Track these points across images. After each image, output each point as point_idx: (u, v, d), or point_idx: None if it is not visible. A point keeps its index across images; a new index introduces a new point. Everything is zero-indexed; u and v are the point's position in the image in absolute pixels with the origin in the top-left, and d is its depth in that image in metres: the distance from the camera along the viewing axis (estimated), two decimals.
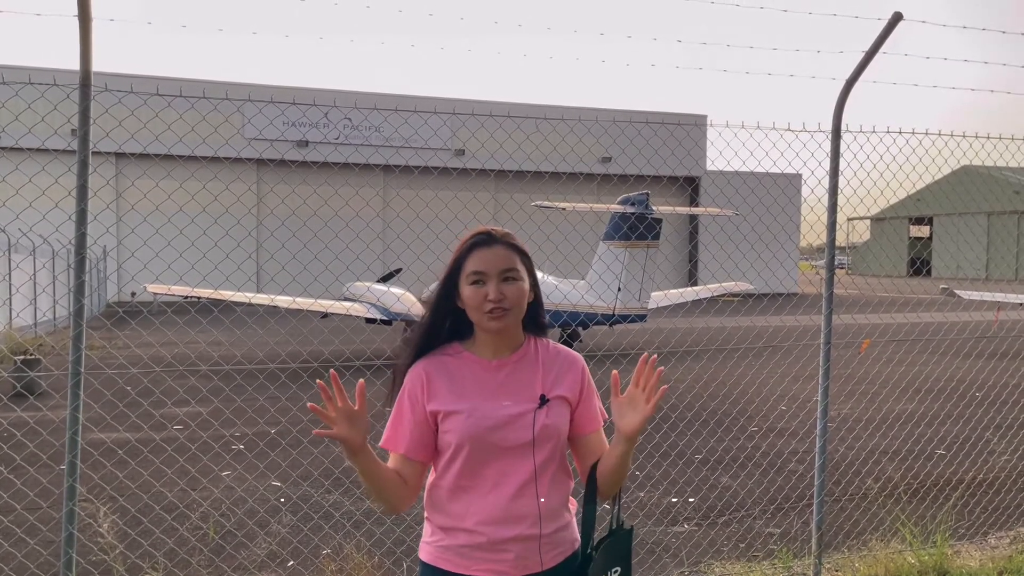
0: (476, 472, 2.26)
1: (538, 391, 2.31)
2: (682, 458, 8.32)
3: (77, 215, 3.95)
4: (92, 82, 3.90)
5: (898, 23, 4.91)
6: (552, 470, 2.30)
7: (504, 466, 2.25)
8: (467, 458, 2.24)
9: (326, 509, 6.65)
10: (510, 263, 2.30)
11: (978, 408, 10.46)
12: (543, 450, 2.27)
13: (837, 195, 5.44)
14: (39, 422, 8.02)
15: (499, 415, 2.25)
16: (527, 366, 2.35)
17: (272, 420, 9.86)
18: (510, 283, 2.28)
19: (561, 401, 2.33)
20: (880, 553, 5.44)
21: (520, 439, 2.25)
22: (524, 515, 2.25)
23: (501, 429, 2.24)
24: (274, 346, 15.86)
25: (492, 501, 2.24)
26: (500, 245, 2.31)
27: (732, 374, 13.63)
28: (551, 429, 2.28)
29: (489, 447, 2.24)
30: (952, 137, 6.14)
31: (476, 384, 2.30)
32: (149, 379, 12.03)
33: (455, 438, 2.24)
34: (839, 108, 5.27)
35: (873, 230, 66.98)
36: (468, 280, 2.28)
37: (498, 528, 2.23)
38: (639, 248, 16.10)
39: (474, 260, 2.29)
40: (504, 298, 2.25)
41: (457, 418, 2.25)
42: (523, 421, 2.26)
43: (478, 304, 2.26)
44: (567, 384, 2.36)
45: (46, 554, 5.39)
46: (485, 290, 2.25)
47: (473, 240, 2.33)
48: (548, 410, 2.29)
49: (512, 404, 2.27)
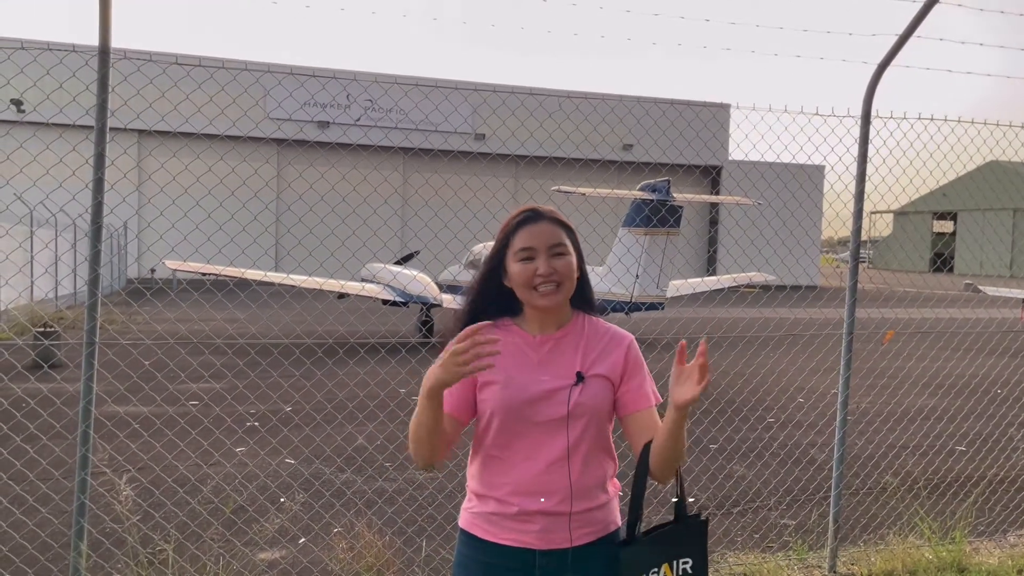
0: (508, 443, 2.27)
1: (576, 368, 2.29)
2: (698, 446, 8.24)
3: (94, 184, 3.91)
4: (111, 50, 3.85)
5: (934, 5, 4.77)
6: (586, 448, 2.28)
7: (537, 440, 2.25)
8: (500, 428, 2.26)
9: (338, 487, 6.64)
10: (558, 238, 2.29)
11: (1001, 405, 10.29)
12: (577, 427, 2.26)
13: (865, 183, 5.32)
14: (53, 392, 8.05)
15: (534, 389, 2.25)
16: (571, 343, 2.34)
17: (286, 396, 9.86)
18: (559, 258, 2.27)
19: (600, 380, 2.30)
20: (897, 547, 5.35)
21: (554, 414, 2.25)
22: (555, 490, 2.24)
23: (535, 403, 2.24)
24: (289, 322, 15.90)
25: (523, 472, 2.25)
26: (547, 221, 2.31)
27: (751, 364, 13.50)
28: (585, 407, 2.26)
29: (522, 419, 2.24)
30: (985, 125, 5.98)
31: (517, 357, 2.30)
32: (164, 351, 12.08)
33: (489, 407, 2.26)
34: (870, 92, 5.14)
35: (895, 225, 66.28)
36: (517, 257, 2.27)
37: (527, 499, 2.24)
38: (659, 235, 15.95)
39: (522, 236, 2.28)
40: (554, 272, 2.25)
41: (493, 388, 2.26)
42: (559, 397, 2.25)
43: (527, 280, 2.26)
44: (609, 363, 2.34)
45: (57, 523, 5.40)
46: (534, 265, 2.25)
47: (521, 217, 2.32)
48: (584, 388, 2.27)
49: (550, 379, 2.27)
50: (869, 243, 63.59)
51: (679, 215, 16.18)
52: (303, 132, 30.90)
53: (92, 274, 3.99)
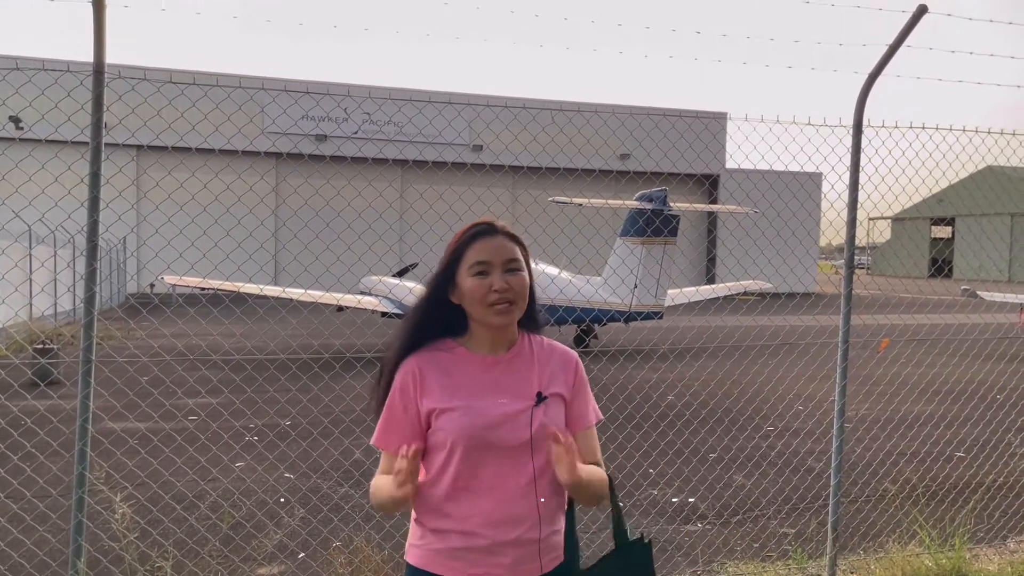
0: (473, 473, 2.15)
1: (535, 388, 2.22)
2: (696, 456, 8.24)
3: (90, 202, 3.92)
4: (106, 69, 3.87)
5: (923, 16, 4.80)
6: (551, 471, 2.18)
7: (502, 466, 2.15)
8: (463, 458, 2.14)
9: (336, 501, 6.63)
10: (513, 253, 2.21)
11: (999, 411, 10.30)
12: (542, 449, 2.17)
13: (858, 191, 5.34)
14: (50, 410, 8.04)
15: (495, 413, 2.16)
16: (523, 363, 2.26)
17: (283, 411, 9.86)
18: (514, 274, 2.19)
19: (557, 399, 2.25)
20: (897, 555, 5.35)
21: (518, 438, 2.16)
22: (524, 517, 2.16)
23: (498, 427, 2.15)
24: (285, 336, 15.89)
25: (491, 503, 2.15)
26: (501, 235, 2.23)
27: (748, 372, 13.51)
28: (549, 428, 2.18)
29: (485, 446, 2.14)
30: (976, 133, 6.02)
31: (471, 381, 2.20)
32: (161, 367, 12.08)
33: (449, 437, 2.14)
34: (861, 102, 5.17)
35: (894, 230, 66.43)
36: (471, 271, 2.18)
37: (499, 530, 2.14)
38: (656, 245, 15.99)
39: (476, 250, 2.19)
40: (509, 288, 2.17)
41: (451, 416, 2.15)
42: (521, 419, 2.17)
43: (482, 296, 2.16)
44: (562, 381, 2.28)
45: (55, 541, 5.39)
46: (489, 281, 2.16)
47: (475, 230, 2.23)
48: (546, 408, 2.21)
49: (508, 401, 2.18)
50: (868, 249, 63.72)
51: (676, 224, 16.23)
52: (298, 147, 31.00)
53: (88, 292, 4.00)
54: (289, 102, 26.47)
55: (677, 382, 12.75)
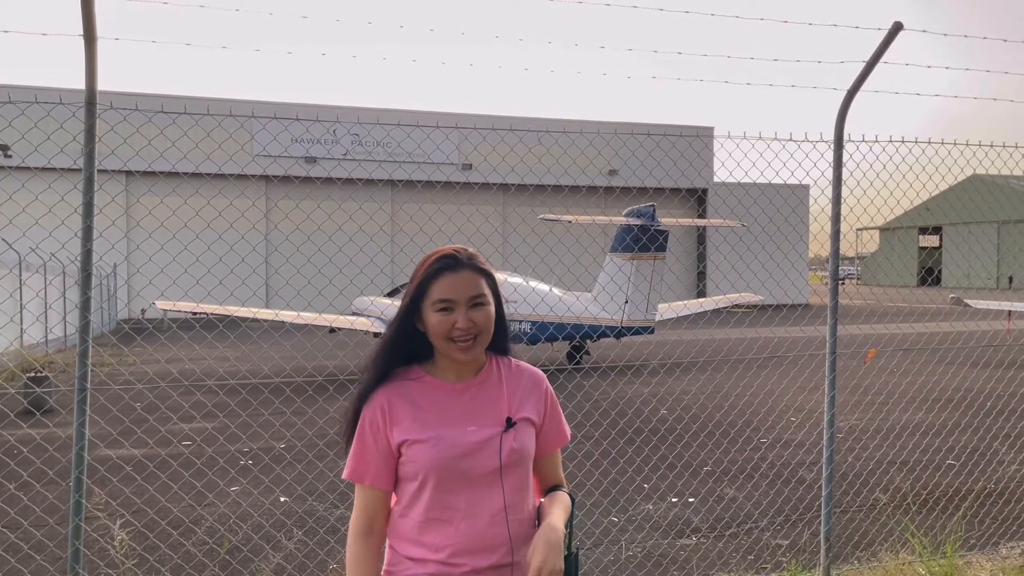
0: (446, 502, 2.15)
1: (504, 413, 2.22)
2: (688, 469, 8.29)
3: (83, 232, 3.97)
4: (98, 100, 3.94)
5: (899, 32, 4.92)
6: (523, 494, 2.22)
7: (474, 494, 2.15)
8: (435, 488, 2.14)
9: (332, 523, 6.65)
10: (478, 288, 2.18)
11: (986, 418, 10.39)
12: (512, 474, 2.18)
13: (840, 205, 5.44)
14: (46, 438, 8.05)
15: (465, 442, 2.15)
16: (491, 388, 2.26)
17: (277, 435, 9.87)
18: (478, 309, 2.17)
19: (527, 423, 2.25)
20: (890, 564, 5.41)
21: (488, 466, 2.16)
22: (500, 543, 2.16)
23: (469, 456, 2.14)
24: (279, 360, 15.90)
25: (466, 531, 2.14)
26: (467, 269, 2.18)
27: (738, 385, 13.59)
28: (518, 453, 2.20)
29: (457, 476, 2.14)
30: (956, 145, 6.14)
31: (440, 410, 2.19)
32: (155, 394, 12.07)
33: (421, 468, 2.14)
34: (841, 118, 5.28)
35: (882, 240, 66.87)
36: (434, 308, 2.16)
37: (475, 558, 2.14)
38: (645, 260, 16.11)
39: (441, 286, 2.16)
40: (473, 325, 2.15)
41: (422, 447, 2.14)
42: (490, 446, 2.16)
43: (445, 332, 2.15)
44: (532, 404, 2.29)
45: (53, 569, 5.40)
46: (453, 318, 2.14)
47: (438, 264, 2.18)
48: (515, 433, 2.20)
49: (477, 429, 2.17)
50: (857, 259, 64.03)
51: (665, 239, 16.36)
52: (289, 172, 31.09)
53: (83, 320, 4.05)
54: (279, 128, 26.59)
55: (669, 396, 12.81)
